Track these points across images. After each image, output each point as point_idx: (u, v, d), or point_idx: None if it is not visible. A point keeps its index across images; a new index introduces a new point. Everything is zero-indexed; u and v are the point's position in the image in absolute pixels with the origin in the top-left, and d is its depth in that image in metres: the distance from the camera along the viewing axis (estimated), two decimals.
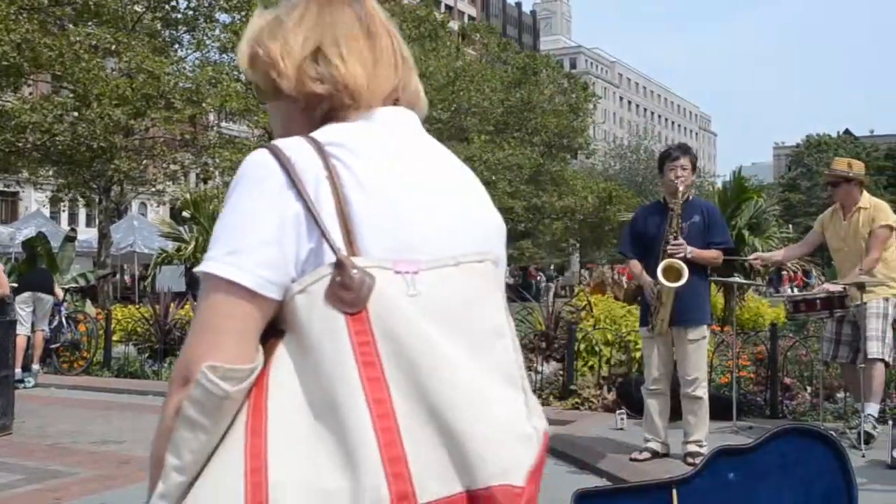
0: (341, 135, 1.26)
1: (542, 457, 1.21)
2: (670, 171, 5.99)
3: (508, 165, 35.48)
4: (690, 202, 6.07)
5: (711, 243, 5.94)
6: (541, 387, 8.73)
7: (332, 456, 1.11)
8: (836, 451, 3.99)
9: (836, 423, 7.01)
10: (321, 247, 1.17)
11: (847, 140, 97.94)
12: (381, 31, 1.40)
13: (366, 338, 1.13)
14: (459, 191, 1.34)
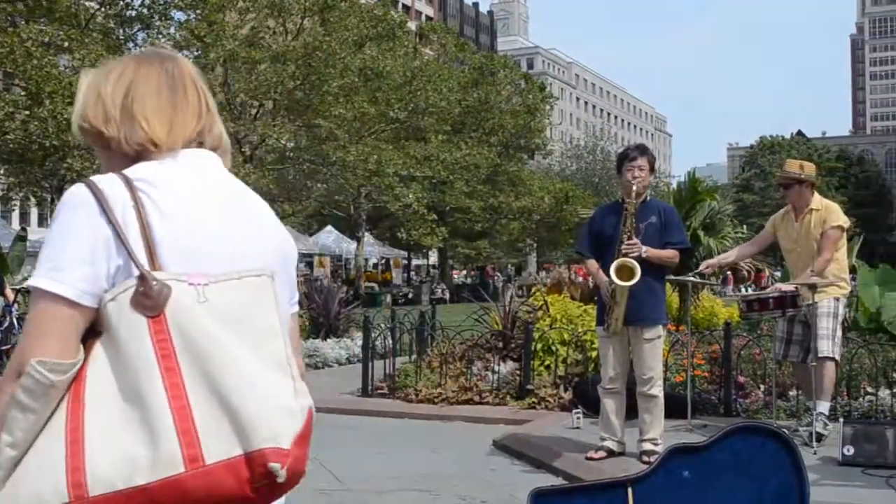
0: (148, 172, 1.56)
1: (307, 427, 1.49)
2: (628, 171, 6.03)
3: (465, 165, 35.53)
4: (648, 203, 6.12)
5: (668, 243, 5.98)
6: (497, 386, 8.74)
7: (137, 430, 1.38)
8: (789, 448, 4.04)
9: (788, 420, 7.09)
10: (128, 263, 1.46)
11: (800, 141, 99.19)
12: (189, 86, 1.72)
13: (163, 336, 1.41)
14: (246, 218, 1.64)
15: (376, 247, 43.63)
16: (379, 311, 16.05)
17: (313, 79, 27.94)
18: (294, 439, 1.45)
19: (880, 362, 7.71)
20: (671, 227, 6.04)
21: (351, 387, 9.84)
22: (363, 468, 6.43)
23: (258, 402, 1.42)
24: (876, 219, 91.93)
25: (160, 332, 1.41)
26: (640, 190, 5.97)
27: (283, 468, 1.40)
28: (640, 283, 5.73)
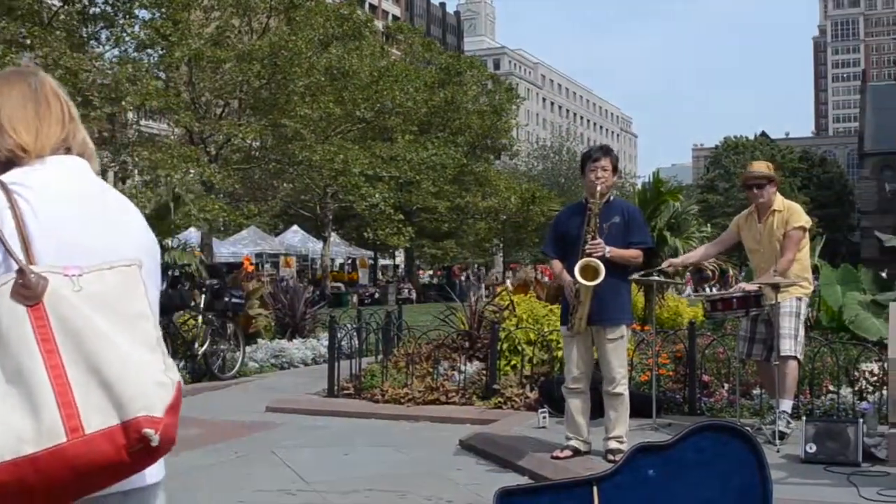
0: (21, 176, 1.75)
1: (177, 398, 1.60)
2: (591, 171, 6.07)
3: (432, 165, 35.49)
4: (612, 203, 6.14)
5: (631, 243, 6.01)
6: (464, 386, 8.75)
7: (21, 406, 1.51)
8: (752, 446, 4.07)
9: (752, 419, 7.15)
10: (7, 259, 1.62)
11: (763, 142, 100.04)
12: (51, 98, 1.91)
13: (42, 322, 1.56)
14: (113, 214, 1.82)
15: (343, 247, 43.53)
16: (345, 312, 16.02)
17: (279, 78, 27.79)
18: (165, 409, 1.57)
19: (842, 361, 7.81)
20: (634, 227, 6.07)
21: (317, 387, 9.82)
22: (329, 468, 6.41)
23: (132, 377, 1.56)
24: (838, 219, 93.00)
25: (39, 318, 1.56)
26: (604, 190, 6.00)
27: (157, 433, 1.53)
28: (604, 282, 5.77)
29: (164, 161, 24.45)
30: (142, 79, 24.10)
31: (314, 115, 28.88)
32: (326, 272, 38.56)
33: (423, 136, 38.08)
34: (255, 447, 7.20)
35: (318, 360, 12.46)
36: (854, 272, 11.51)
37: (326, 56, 30.38)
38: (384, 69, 33.76)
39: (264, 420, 8.46)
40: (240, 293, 11.70)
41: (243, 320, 12.24)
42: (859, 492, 5.07)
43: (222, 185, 27.17)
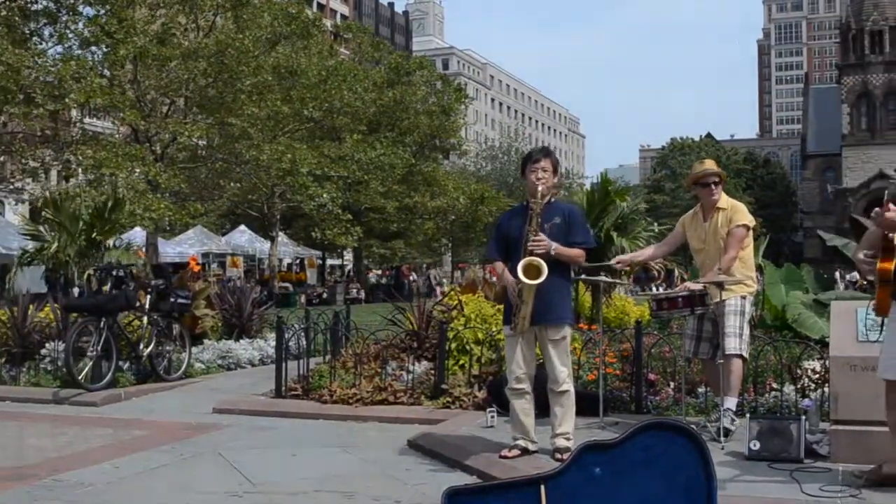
0: None
1: None
2: (532, 172, 6.10)
3: (380, 165, 35.42)
4: (552, 204, 6.16)
5: (573, 243, 6.04)
6: (412, 386, 8.73)
7: None
8: (697, 443, 4.11)
9: (697, 416, 7.23)
10: None
11: (709, 143, 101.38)
12: None
13: None
14: None
15: (290, 246, 43.29)
16: (293, 312, 15.92)
17: (226, 76, 27.55)
18: None
19: (785, 359, 7.92)
20: (575, 227, 6.10)
21: (264, 388, 9.74)
22: (276, 470, 6.36)
23: None
24: (781, 219, 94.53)
25: None
26: (545, 191, 6.04)
27: None
28: (547, 282, 5.80)
29: (109, 160, 24.12)
30: (86, 76, 23.74)
31: (261, 113, 28.69)
32: (274, 272, 38.33)
33: (372, 136, 38.02)
34: (202, 449, 7.12)
35: (265, 361, 12.37)
36: (797, 272, 11.69)
37: (274, 55, 30.20)
38: (332, 68, 33.65)
39: (211, 421, 8.38)
40: (186, 293, 11.57)
41: (189, 321, 12.11)
42: (802, 488, 5.14)
43: (168, 184, 26.84)
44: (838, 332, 6.05)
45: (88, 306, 10.29)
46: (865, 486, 5.07)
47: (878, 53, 79.55)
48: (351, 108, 34.39)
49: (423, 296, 27.36)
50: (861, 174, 77.07)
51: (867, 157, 77.26)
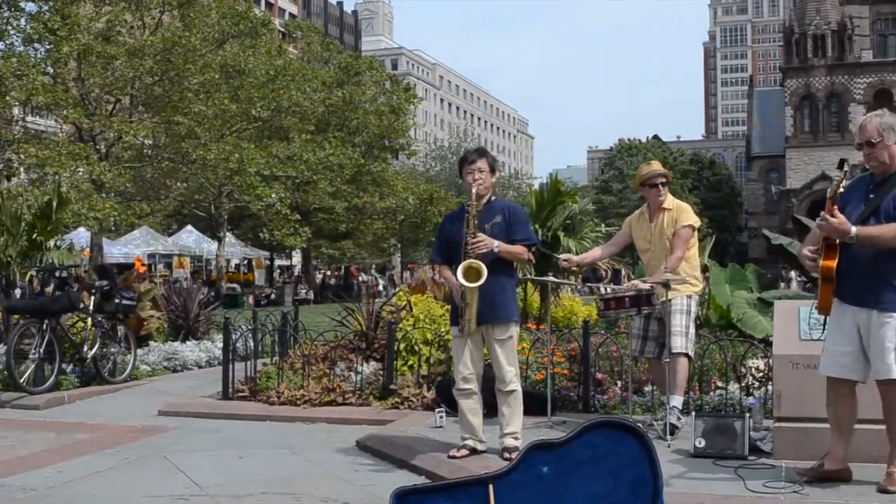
0: None
1: None
2: (468, 174, 6.11)
3: (329, 165, 35.29)
4: (492, 204, 6.17)
5: (515, 241, 6.05)
6: (361, 387, 8.71)
7: None
8: (643, 442, 4.16)
9: (644, 415, 7.29)
10: None
11: (656, 144, 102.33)
12: None
13: None
14: None
15: (238, 247, 42.99)
16: (240, 313, 15.81)
17: (172, 75, 27.31)
18: None
19: (730, 357, 8.03)
20: (517, 225, 6.10)
21: (211, 390, 9.66)
22: (223, 472, 6.30)
23: None
24: (726, 220, 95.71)
25: None
26: (481, 191, 6.05)
27: None
28: (492, 281, 5.82)
29: (52, 159, 23.79)
30: (28, 74, 23.36)
31: (209, 112, 28.46)
32: (221, 273, 38.04)
33: (321, 136, 37.86)
34: (147, 452, 7.04)
35: (212, 363, 12.27)
36: (742, 272, 11.84)
37: (222, 53, 29.97)
38: (281, 68, 33.47)
39: (156, 424, 8.28)
40: (131, 295, 11.43)
41: (134, 322, 11.97)
42: (746, 484, 5.21)
43: (113, 183, 26.54)
44: (781, 330, 6.14)
45: (30, 308, 10.13)
46: (807, 482, 5.15)
47: (820, 57, 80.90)
48: (299, 108, 34.23)
49: (381, 295, 27.32)
50: (804, 175, 78.34)
51: (810, 158, 78.51)
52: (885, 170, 5.09)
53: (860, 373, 5.11)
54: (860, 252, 4.97)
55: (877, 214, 5.01)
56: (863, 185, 5.22)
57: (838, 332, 5.16)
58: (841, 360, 5.13)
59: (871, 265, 4.97)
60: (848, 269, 5.00)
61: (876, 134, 5.04)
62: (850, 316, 5.10)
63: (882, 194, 5.04)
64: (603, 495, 4.09)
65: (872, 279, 4.98)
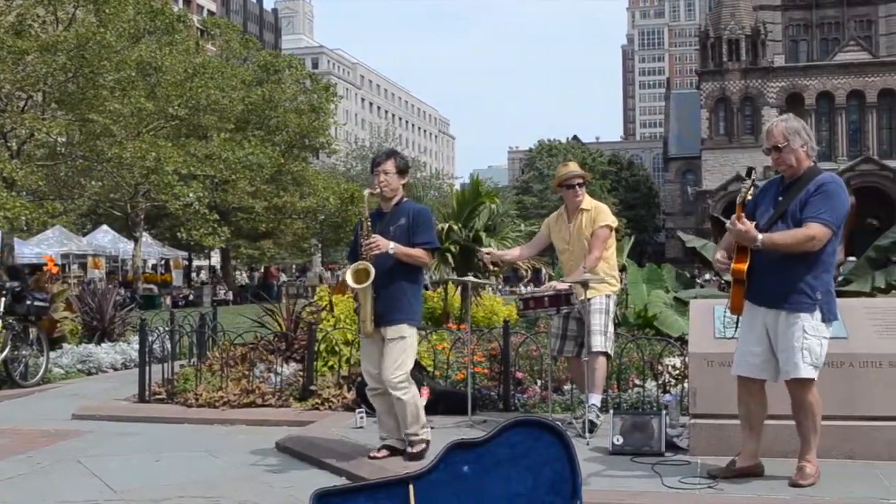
0: None
1: None
2: (375, 176, 6.11)
3: (249, 164, 34.86)
4: (401, 205, 6.16)
5: (416, 244, 6.04)
6: (280, 388, 8.63)
7: None
8: (562, 440, 4.19)
9: (563, 413, 7.37)
10: None
11: (575, 145, 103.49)
12: None
13: None
14: None
15: (155, 247, 42.24)
16: (157, 314, 15.56)
17: (86, 71, 26.68)
18: None
19: (647, 356, 8.15)
20: (418, 228, 6.07)
21: (127, 392, 9.49)
22: (139, 476, 6.19)
23: None
24: (644, 220, 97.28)
25: None
26: (387, 193, 6.06)
27: None
28: (391, 284, 5.83)
29: None
30: None
31: (124, 110, 27.92)
32: (138, 273, 37.34)
33: (240, 135, 37.40)
34: (61, 457, 6.88)
35: (128, 365, 12.07)
36: (658, 271, 12.04)
37: (138, 50, 29.41)
38: (199, 65, 32.98)
39: (70, 428, 8.10)
40: (43, 296, 11.17)
41: (47, 324, 11.70)
42: (663, 481, 5.29)
43: (25, 182, 25.86)
44: (697, 329, 6.26)
45: None
46: (722, 478, 5.26)
47: (735, 61, 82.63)
48: (218, 106, 33.78)
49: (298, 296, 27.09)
50: (719, 177, 79.94)
51: (725, 160, 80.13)
52: (794, 173, 5.22)
53: (770, 373, 5.24)
54: (770, 255, 5.09)
55: (784, 218, 5.14)
56: (773, 188, 5.36)
57: (750, 333, 5.29)
58: (752, 360, 5.25)
59: (780, 268, 5.10)
60: (759, 271, 5.13)
61: (782, 138, 5.18)
62: (761, 317, 5.23)
63: (790, 198, 5.18)
64: (523, 493, 4.12)
65: (782, 281, 5.11)
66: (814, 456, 5.18)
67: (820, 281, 5.11)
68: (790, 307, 5.09)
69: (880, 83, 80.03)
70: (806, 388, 5.12)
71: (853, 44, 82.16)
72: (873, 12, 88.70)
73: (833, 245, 5.14)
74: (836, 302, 5.25)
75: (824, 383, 5.30)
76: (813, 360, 5.08)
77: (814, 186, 5.11)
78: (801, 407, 5.17)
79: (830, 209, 5.05)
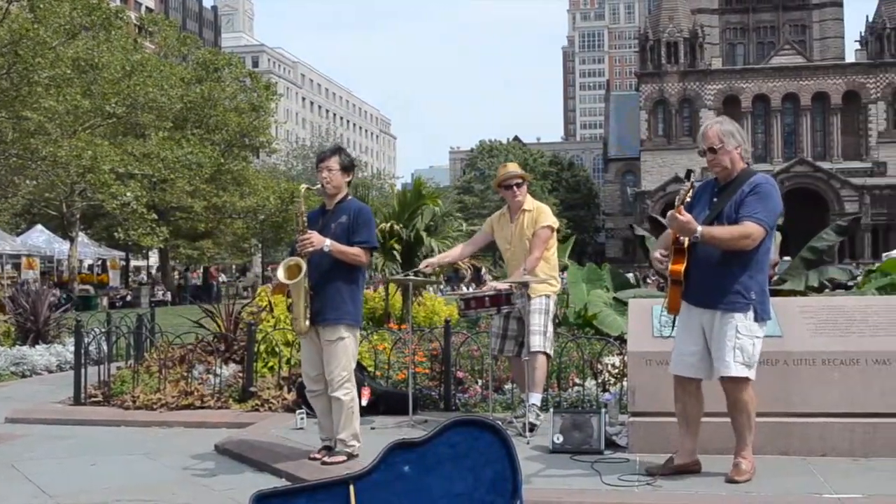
0: None
1: None
2: (318, 173, 6.09)
3: (188, 164, 34.49)
4: (343, 204, 6.14)
5: (354, 242, 6.03)
6: (219, 390, 8.55)
7: None
8: (502, 439, 4.21)
9: (504, 413, 7.40)
10: None
11: (516, 146, 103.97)
12: None
13: None
14: None
15: (92, 247, 41.56)
16: (94, 315, 15.32)
17: (21, 68, 26.21)
18: None
19: (587, 355, 8.20)
20: (358, 227, 6.05)
21: (62, 395, 9.32)
22: (75, 480, 6.09)
23: None
24: (585, 220, 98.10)
25: None
26: (331, 190, 6.04)
27: None
28: (327, 282, 5.82)
29: None
30: None
31: (60, 108, 27.47)
32: (74, 274, 36.72)
33: (179, 133, 36.99)
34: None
35: (63, 367, 11.86)
36: (598, 271, 12.13)
37: (74, 47, 28.94)
38: (137, 63, 32.53)
39: (3, 432, 7.94)
40: None
41: None
42: (602, 478, 5.34)
43: None
44: (636, 328, 6.33)
45: None
46: (660, 475, 5.32)
47: (673, 63, 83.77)
48: (156, 104, 33.36)
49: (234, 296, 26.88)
50: (658, 177, 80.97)
51: (664, 161, 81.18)
52: (728, 175, 5.32)
53: (706, 372, 5.32)
54: (706, 256, 5.18)
55: (720, 218, 5.23)
56: (708, 190, 5.45)
57: (686, 333, 5.37)
58: (688, 359, 5.34)
59: (716, 268, 5.19)
60: (695, 272, 5.21)
61: (717, 140, 5.27)
62: (697, 317, 5.31)
63: (724, 199, 5.26)
64: (463, 493, 4.13)
65: (717, 282, 5.19)
66: (749, 452, 5.27)
67: (754, 281, 5.20)
68: (725, 307, 5.18)
69: (814, 86, 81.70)
70: (739, 387, 5.21)
71: (788, 48, 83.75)
72: (807, 17, 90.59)
73: (767, 245, 5.24)
74: (769, 301, 5.35)
75: (760, 381, 5.39)
76: (745, 360, 5.16)
77: (748, 187, 5.20)
78: (736, 405, 5.25)
79: (765, 209, 5.14)
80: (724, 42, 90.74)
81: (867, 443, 5.73)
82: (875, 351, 5.86)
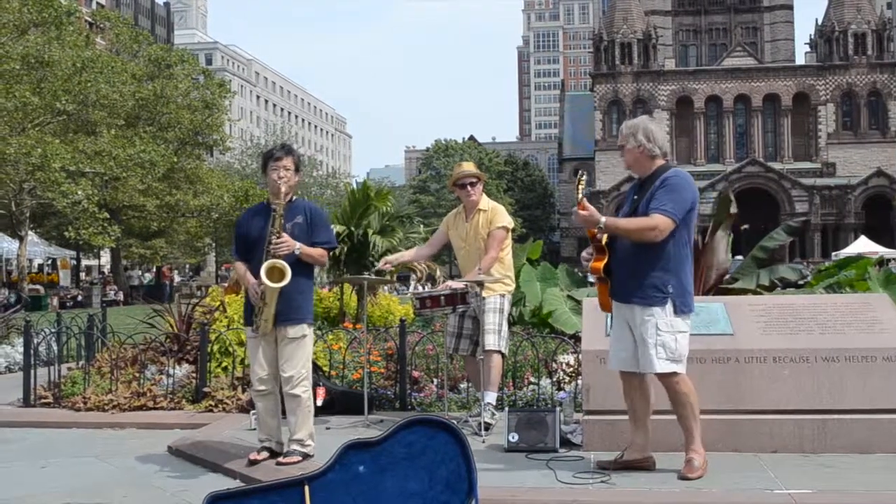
0: None
1: None
2: (273, 171, 5.99)
3: (140, 162, 34.13)
4: (294, 203, 6.10)
5: (315, 243, 6.01)
6: (173, 390, 8.47)
7: None
8: (458, 438, 4.21)
9: (459, 412, 7.41)
10: None
11: (472, 145, 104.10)
12: None
13: None
14: None
15: (41, 246, 40.98)
16: (44, 315, 15.12)
17: None
18: None
19: (542, 354, 8.24)
20: (317, 228, 6.04)
21: (11, 397, 9.17)
22: (24, 483, 6.00)
23: None
24: (540, 220, 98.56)
25: None
26: (287, 190, 5.98)
27: None
28: (291, 282, 5.77)
29: None
30: None
31: (9, 105, 27.06)
32: (23, 274, 36.17)
33: (130, 131, 36.60)
34: None
35: (12, 369, 11.69)
36: (552, 270, 12.15)
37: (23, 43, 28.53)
38: (88, 59, 32.13)
39: None
40: None
41: None
42: (557, 476, 5.36)
43: None
44: (589, 327, 6.38)
45: None
46: (613, 471, 5.36)
47: (627, 64, 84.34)
48: (108, 101, 33.00)
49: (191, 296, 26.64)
50: (612, 177, 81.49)
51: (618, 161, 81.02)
52: (641, 172, 5.48)
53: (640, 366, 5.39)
54: (624, 252, 5.32)
55: (636, 214, 5.37)
56: (632, 189, 5.62)
57: (618, 329, 5.50)
58: (621, 354, 5.45)
59: (632, 264, 5.31)
60: (616, 268, 5.36)
61: (622, 139, 5.45)
62: (622, 313, 5.43)
63: (641, 196, 5.43)
64: (419, 492, 4.12)
65: (634, 277, 5.30)
66: (699, 446, 5.31)
67: (671, 274, 5.27)
68: (641, 301, 5.27)
69: (765, 88, 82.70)
70: (673, 381, 5.28)
71: (740, 50, 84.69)
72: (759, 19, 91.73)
73: (682, 237, 5.31)
74: (691, 295, 5.40)
75: (712, 378, 5.46)
76: (668, 355, 5.23)
77: (659, 182, 5.33)
78: (676, 399, 5.33)
79: (673, 201, 5.25)
80: (678, 43, 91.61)
81: (817, 439, 5.81)
82: (824, 349, 5.94)
